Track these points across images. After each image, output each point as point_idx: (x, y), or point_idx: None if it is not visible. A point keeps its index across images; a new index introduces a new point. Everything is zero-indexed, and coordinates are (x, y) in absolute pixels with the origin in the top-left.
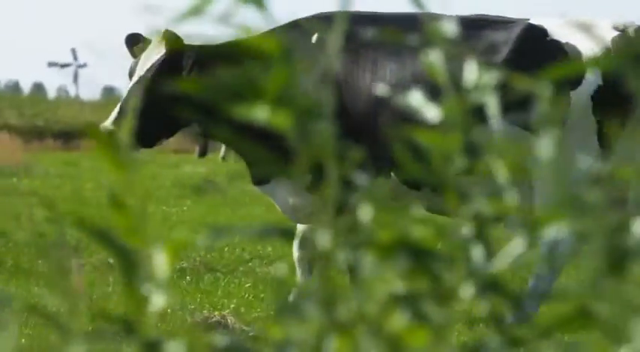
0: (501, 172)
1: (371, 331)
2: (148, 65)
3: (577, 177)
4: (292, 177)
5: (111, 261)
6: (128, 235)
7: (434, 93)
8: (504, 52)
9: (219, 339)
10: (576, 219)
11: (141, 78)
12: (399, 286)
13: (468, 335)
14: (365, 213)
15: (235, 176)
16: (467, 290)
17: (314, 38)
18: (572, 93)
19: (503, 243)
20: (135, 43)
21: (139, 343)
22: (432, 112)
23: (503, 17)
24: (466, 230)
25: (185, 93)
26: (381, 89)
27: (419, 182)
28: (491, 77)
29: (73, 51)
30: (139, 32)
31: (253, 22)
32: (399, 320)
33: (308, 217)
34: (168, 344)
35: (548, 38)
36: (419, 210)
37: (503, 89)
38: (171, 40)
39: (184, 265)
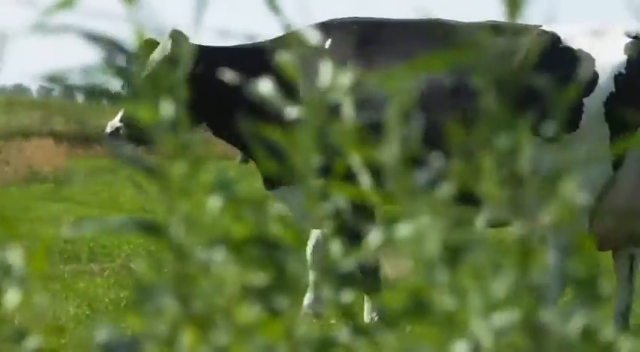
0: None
1: (222, 323)
2: (154, 64)
3: (427, 173)
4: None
5: (132, 265)
6: None
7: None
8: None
9: (100, 335)
10: (419, 213)
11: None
12: (250, 279)
13: (320, 328)
14: (214, 205)
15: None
16: (320, 284)
17: (327, 43)
18: (585, 100)
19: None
20: (146, 46)
21: None
22: (291, 110)
23: (515, 24)
24: (325, 226)
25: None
26: (227, 76)
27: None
28: (346, 78)
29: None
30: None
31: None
32: (248, 313)
33: (320, 221)
34: (27, 340)
35: (560, 45)
36: (277, 207)
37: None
38: (176, 39)
39: None
